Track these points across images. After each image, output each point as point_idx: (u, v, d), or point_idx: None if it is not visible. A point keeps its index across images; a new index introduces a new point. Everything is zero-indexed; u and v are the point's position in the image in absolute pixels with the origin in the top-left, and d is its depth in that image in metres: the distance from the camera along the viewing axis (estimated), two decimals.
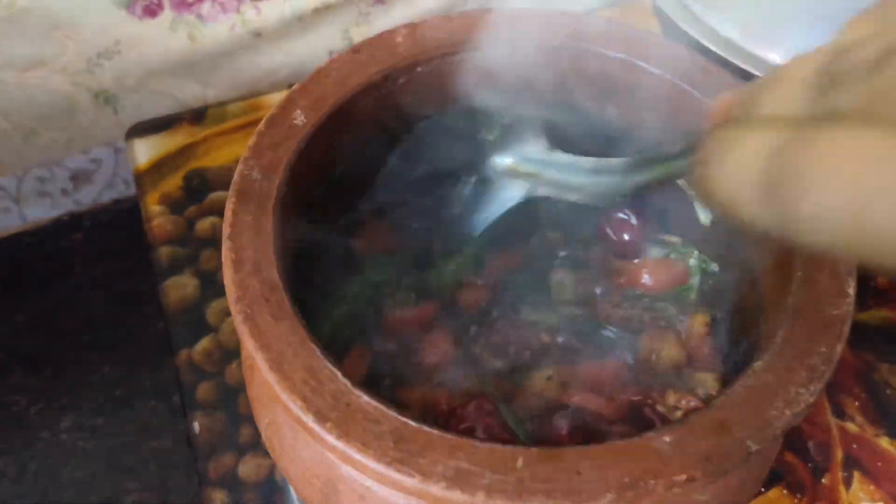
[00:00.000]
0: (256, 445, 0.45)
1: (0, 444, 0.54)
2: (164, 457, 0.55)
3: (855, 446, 0.46)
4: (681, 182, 0.42)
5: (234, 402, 0.47)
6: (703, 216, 0.40)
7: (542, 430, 0.32)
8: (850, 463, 0.45)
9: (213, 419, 0.47)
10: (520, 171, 0.33)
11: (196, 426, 0.47)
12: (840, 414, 0.47)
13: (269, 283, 0.28)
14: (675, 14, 0.59)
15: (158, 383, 0.58)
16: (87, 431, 0.57)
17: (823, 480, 0.44)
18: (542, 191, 0.32)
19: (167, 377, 0.47)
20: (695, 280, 0.39)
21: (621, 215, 0.40)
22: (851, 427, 0.47)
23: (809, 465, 0.45)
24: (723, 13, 0.58)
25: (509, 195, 0.33)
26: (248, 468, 0.45)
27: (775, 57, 0.55)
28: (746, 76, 0.53)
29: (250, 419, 0.46)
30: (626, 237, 0.40)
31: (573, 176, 0.31)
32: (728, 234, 0.37)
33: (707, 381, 0.35)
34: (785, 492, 0.44)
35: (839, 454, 0.46)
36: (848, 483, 0.45)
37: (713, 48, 0.55)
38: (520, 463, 0.25)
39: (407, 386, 0.34)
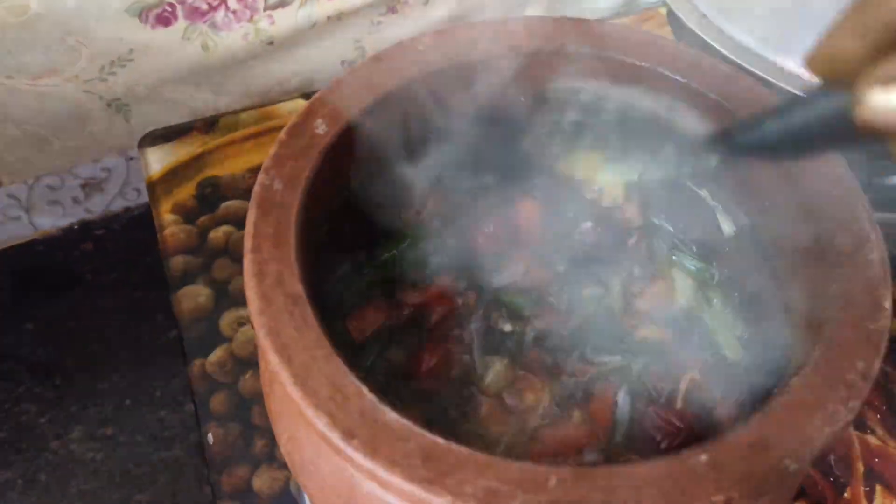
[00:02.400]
0: (271, 457, 0.45)
1: (9, 455, 0.54)
2: (175, 467, 0.54)
3: (877, 460, 0.45)
4: (702, 193, 0.41)
5: (247, 413, 0.46)
6: (727, 226, 0.39)
7: None
8: (872, 476, 0.45)
9: (227, 430, 0.46)
10: None
11: (210, 437, 0.46)
12: (861, 427, 0.46)
13: (293, 295, 0.27)
14: (690, 20, 0.58)
15: (169, 393, 0.57)
16: (97, 441, 0.57)
17: (845, 495, 0.44)
18: None
19: (178, 387, 0.47)
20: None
21: None
22: (872, 440, 0.46)
23: (831, 479, 0.44)
24: (739, 20, 0.57)
25: None
26: (262, 481, 0.45)
27: (792, 64, 0.54)
28: (763, 84, 0.52)
29: (264, 430, 0.46)
30: None
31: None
32: (754, 244, 0.37)
33: None
34: None
35: (860, 468, 0.45)
36: (870, 497, 0.44)
37: (729, 55, 0.55)
38: (552, 482, 0.24)
39: None
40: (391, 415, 0.25)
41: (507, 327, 0.36)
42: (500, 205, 0.38)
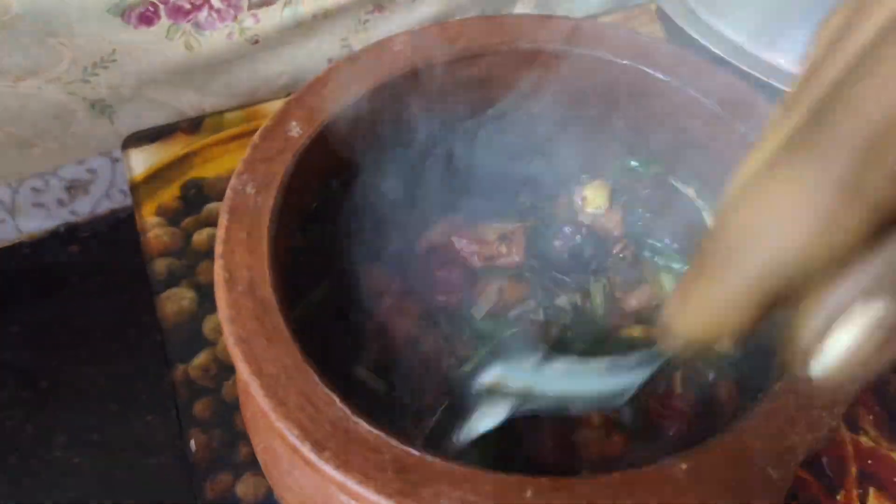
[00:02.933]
0: (254, 464, 0.44)
1: None
2: (162, 474, 0.54)
3: (869, 461, 0.45)
4: (688, 191, 0.41)
5: (231, 419, 0.46)
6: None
7: None
8: (865, 478, 0.44)
9: (210, 436, 0.46)
10: (505, 390, 0.27)
11: (192, 444, 0.45)
12: (854, 428, 0.46)
13: (264, 303, 0.27)
14: (679, 18, 0.57)
15: (155, 398, 0.57)
16: (83, 447, 0.56)
17: (838, 497, 0.43)
18: (532, 406, 0.26)
19: (164, 392, 0.46)
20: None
21: None
22: (866, 441, 0.45)
23: (823, 481, 0.44)
24: (729, 17, 0.56)
25: (486, 420, 0.27)
26: (246, 487, 0.44)
27: (782, 61, 0.54)
28: (754, 81, 0.52)
29: (248, 436, 0.45)
30: None
31: (578, 384, 0.25)
32: None
33: None
34: None
35: (853, 470, 0.45)
36: (863, 500, 0.43)
37: (719, 53, 0.54)
38: (529, 494, 0.23)
39: None
40: (363, 426, 0.24)
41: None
42: (480, 220, 0.36)
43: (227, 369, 0.48)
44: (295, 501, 0.29)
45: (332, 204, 0.34)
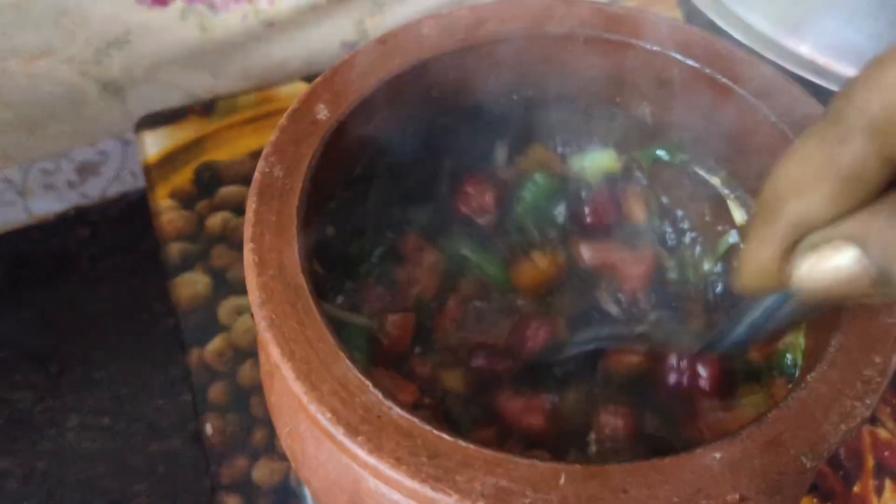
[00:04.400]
0: (271, 449, 0.44)
1: (6, 444, 0.53)
2: (173, 458, 0.54)
3: (886, 453, 0.45)
4: (713, 180, 0.40)
5: (246, 404, 0.46)
6: (738, 215, 0.38)
7: None
8: (882, 470, 0.44)
9: (226, 421, 0.46)
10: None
11: (208, 428, 0.45)
12: (871, 420, 0.46)
13: (295, 286, 0.26)
14: (701, 2, 0.57)
15: (166, 382, 0.57)
16: (94, 431, 0.56)
17: (855, 489, 0.43)
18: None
19: (175, 375, 0.46)
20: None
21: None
22: (883, 433, 0.45)
23: (840, 473, 0.44)
24: (752, 2, 0.56)
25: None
26: (262, 472, 0.44)
27: (806, 49, 0.53)
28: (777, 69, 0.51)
29: (263, 421, 0.45)
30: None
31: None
32: None
33: None
34: (815, 501, 0.42)
35: (870, 461, 0.44)
36: (879, 491, 0.43)
37: (742, 39, 0.53)
38: (562, 480, 0.23)
39: None
40: (396, 410, 0.24)
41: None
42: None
43: (242, 354, 0.47)
44: (321, 486, 0.29)
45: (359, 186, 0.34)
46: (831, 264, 0.18)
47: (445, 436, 0.24)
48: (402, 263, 0.36)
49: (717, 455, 0.24)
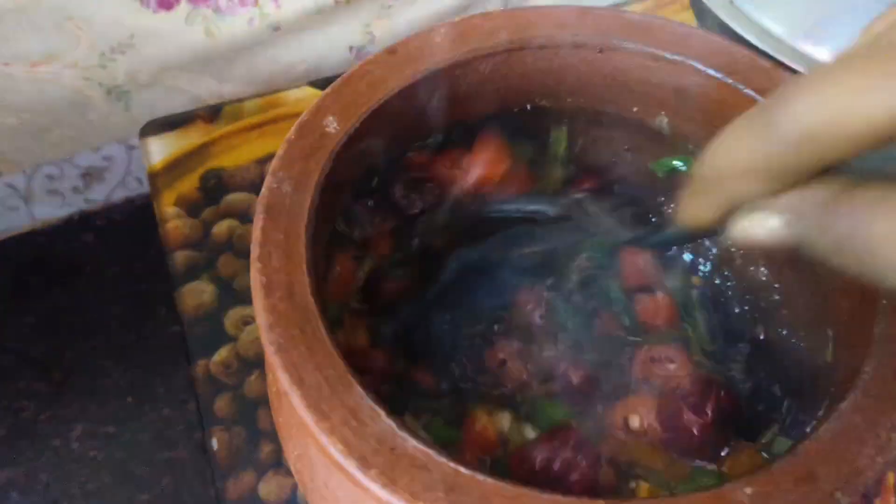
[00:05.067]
0: (278, 463, 0.43)
1: (9, 453, 0.52)
2: (179, 468, 0.53)
3: None
4: None
5: (253, 417, 0.45)
6: None
7: None
8: None
9: (232, 434, 0.45)
10: None
11: (214, 442, 0.44)
12: None
13: (304, 308, 0.25)
14: (714, 5, 0.55)
15: (172, 390, 0.56)
16: (99, 440, 0.56)
17: None
18: None
19: (181, 384, 0.46)
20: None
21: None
22: None
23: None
24: (766, 5, 0.54)
25: None
26: (269, 487, 0.43)
27: (823, 54, 0.52)
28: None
29: (271, 435, 0.44)
30: None
31: None
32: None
33: None
34: None
35: (891, 478, 0.43)
36: None
37: (756, 43, 0.52)
38: None
39: None
40: (411, 441, 0.23)
41: None
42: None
43: (249, 365, 0.47)
44: None
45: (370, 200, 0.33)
46: (761, 230, 0.21)
47: (463, 469, 0.23)
48: None
49: (748, 490, 0.23)
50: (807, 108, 0.18)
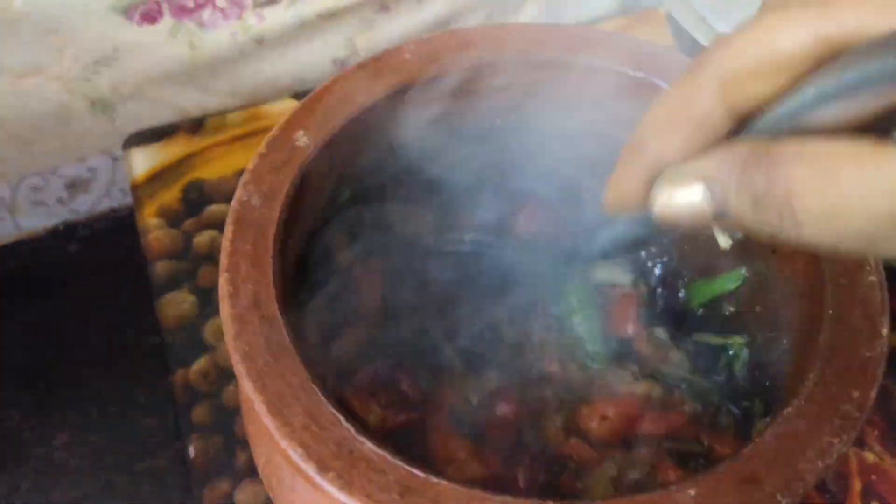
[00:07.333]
0: (253, 471, 0.44)
1: None
2: (159, 477, 0.53)
3: (873, 477, 0.45)
4: None
5: (230, 425, 0.45)
6: (723, 240, 0.38)
7: None
8: (869, 494, 0.44)
9: (209, 443, 0.45)
10: None
11: (191, 450, 0.45)
12: (858, 443, 0.45)
13: (269, 318, 0.26)
14: (688, 24, 0.57)
15: (154, 400, 0.56)
16: (82, 448, 0.56)
17: None
18: None
19: (163, 394, 0.46)
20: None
21: None
22: (870, 456, 0.45)
23: (826, 496, 0.43)
24: (737, 22, 0.56)
25: None
26: (245, 495, 0.44)
27: None
28: None
29: (247, 443, 0.45)
30: None
31: None
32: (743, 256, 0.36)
33: None
34: None
35: (857, 485, 0.44)
36: None
37: None
38: None
39: None
40: (368, 445, 0.24)
41: None
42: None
43: (227, 375, 0.47)
44: None
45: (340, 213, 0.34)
46: (682, 197, 0.21)
47: (417, 472, 0.24)
48: None
49: (692, 492, 0.24)
50: (727, 50, 0.20)
